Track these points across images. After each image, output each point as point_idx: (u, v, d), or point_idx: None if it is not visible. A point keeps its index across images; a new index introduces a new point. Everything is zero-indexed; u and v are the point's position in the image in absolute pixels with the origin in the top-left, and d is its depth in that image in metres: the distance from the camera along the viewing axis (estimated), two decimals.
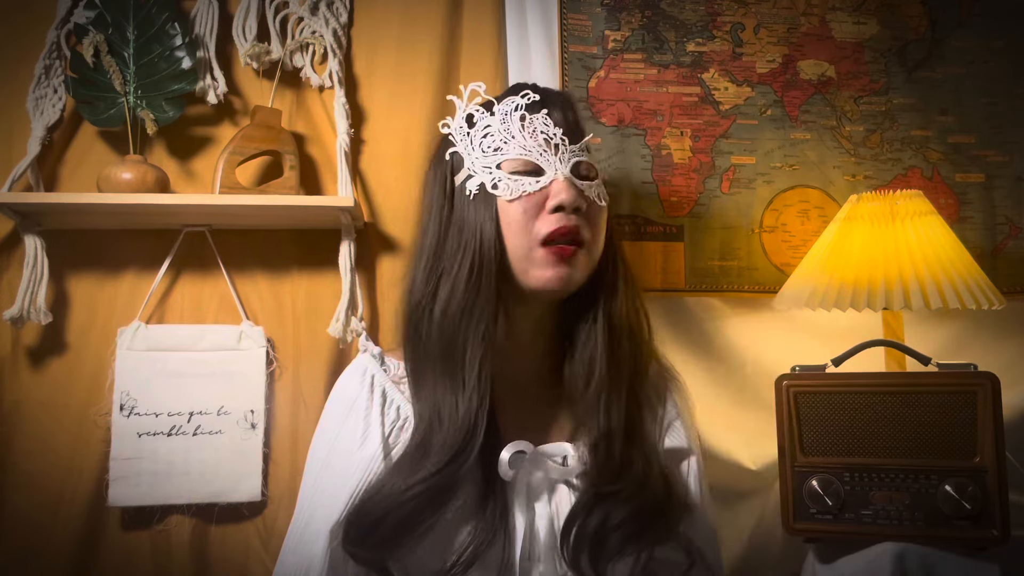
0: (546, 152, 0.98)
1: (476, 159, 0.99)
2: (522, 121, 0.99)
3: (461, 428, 0.91)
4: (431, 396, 0.95)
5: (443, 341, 0.95)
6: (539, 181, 0.97)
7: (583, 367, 0.99)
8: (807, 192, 1.47)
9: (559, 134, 0.99)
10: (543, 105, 1.00)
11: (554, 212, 0.95)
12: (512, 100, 1.00)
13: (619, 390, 0.98)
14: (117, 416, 1.27)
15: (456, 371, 0.94)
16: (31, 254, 1.26)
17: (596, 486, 0.93)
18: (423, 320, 0.98)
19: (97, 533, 1.26)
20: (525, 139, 0.98)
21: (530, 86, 1.03)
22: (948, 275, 1.21)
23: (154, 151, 1.34)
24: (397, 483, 0.90)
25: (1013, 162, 1.48)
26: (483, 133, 1.00)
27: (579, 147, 1.00)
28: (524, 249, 0.96)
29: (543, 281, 0.95)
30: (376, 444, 0.96)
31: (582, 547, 0.91)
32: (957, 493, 1.03)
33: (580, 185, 0.98)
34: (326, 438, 1.01)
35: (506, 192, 0.96)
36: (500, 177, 0.97)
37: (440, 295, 0.97)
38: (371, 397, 0.99)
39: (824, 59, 1.49)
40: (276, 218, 1.32)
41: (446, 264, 0.98)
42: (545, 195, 0.96)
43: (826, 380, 1.12)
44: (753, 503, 1.41)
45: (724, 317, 1.45)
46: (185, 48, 1.31)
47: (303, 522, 0.96)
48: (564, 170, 0.97)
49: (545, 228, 0.95)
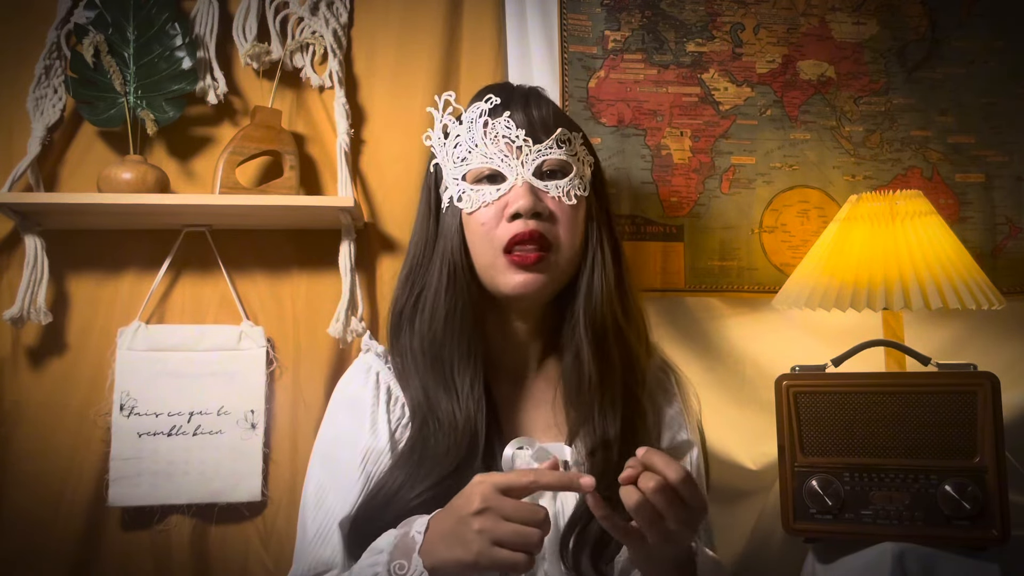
0: (507, 157, 0.97)
1: (449, 171, 1.00)
2: (484, 127, 0.98)
3: (463, 435, 0.92)
4: (424, 402, 0.96)
5: (430, 352, 0.96)
6: (499, 189, 0.96)
7: (572, 370, 0.99)
8: (807, 192, 1.47)
9: (521, 136, 0.97)
10: (505, 107, 0.98)
11: (513, 219, 0.95)
12: (477, 107, 0.99)
13: (613, 392, 0.98)
14: (117, 416, 1.27)
15: (448, 382, 0.95)
16: (31, 254, 1.26)
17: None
18: (405, 331, 0.99)
19: (97, 533, 1.26)
20: (487, 146, 0.97)
21: (496, 88, 1.02)
22: (948, 275, 1.21)
23: (154, 151, 1.34)
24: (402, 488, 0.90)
25: (1013, 162, 1.48)
26: (454, 143, 1.00)
27: (546, 145, 0.98)
28: (488, 258, 0.96)
29: (510, 288, 0.96)
30: (384, 439, 0.96)
31: (583, 550, 0.91)
32: (957, 493, 1.03)
33: (542, 187, 0.97)
34: (332, 435, 1.01)
35: (467, 204, 0.97)
36: (464, 189, 0.98)
37: (421, 307, 0.98)
38: (376, 394, 0.99)
39: (824, 59, 1.49)
40: (276, 218, 1.32)
41: (429, 276, 0.99)
42: (505, 203, 0.96)
43: (826, 380, 1.12)
44: (753, 503, 1.41)
45: (724, 317, 1.45)
46: (185, 48, 1.31)
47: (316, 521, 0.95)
48: (525, 174, 0.96)
49: (504, 236, 0.95)
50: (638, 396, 1.01)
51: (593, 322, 0.98)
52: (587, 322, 0.98)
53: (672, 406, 1.06)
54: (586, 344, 0.98)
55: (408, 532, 0.82)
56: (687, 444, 1.05)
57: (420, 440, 0.94)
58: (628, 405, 0.99)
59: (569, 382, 0.99)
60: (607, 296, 0.99)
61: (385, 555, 0.81)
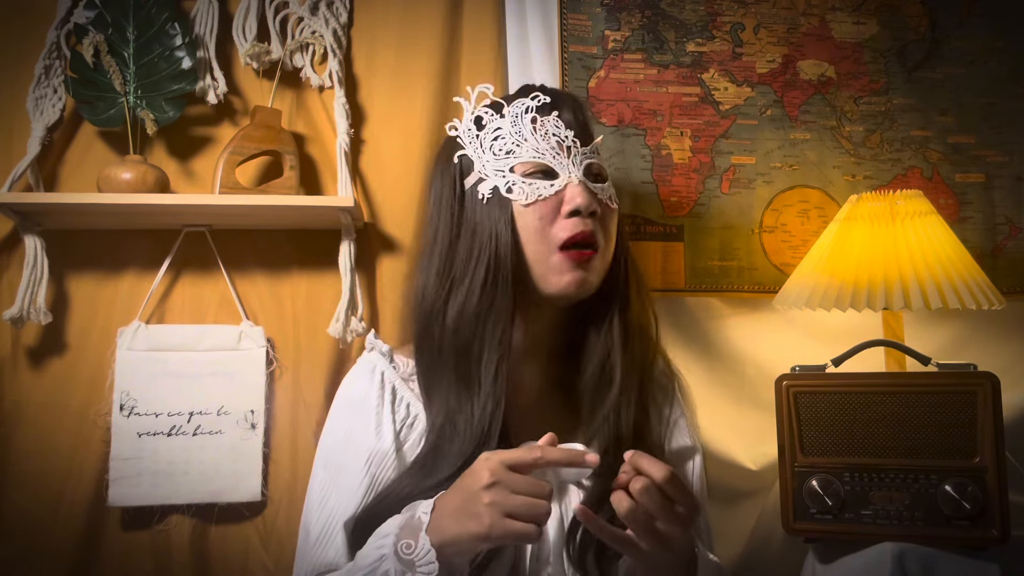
0: (559, 154, 0.97)
1: (487, 162, 0.98)
2: (533, 123, 0.98)
3: (475, 435, 0.91)
4: (444, 402, 0.95)
5: (457, 347, 0.95)
6: (553, 185, 0.96)
7: (597, 371, 0.99)
8: (807, 192, 1.47)
9: (571, 136, 0.98)
10: (554, 107, 0.99)
11: (570, 216, 0.95)
12: (522, 102, 0.99)
13: (630, 394, 0.98)
14: (117, 416, 1.27)
15: (472, 376, 0.94)
16: (31, 254, 1.26)
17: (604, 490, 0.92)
18: (435, 326, 0.97)
19: (97, 533, 1.26)
20: (537, 141, 0.97)
21: (539, 87, 1.02)
22: (948, 275, 1.21)
23: (154, 151, 1.34)
24: (410, 489, 0.90)
25: (1013, 162, 1.48)
26: (493, 136, 0.99)
27: (590, 149, 1.00)
28: (542, 254, 0.95)
29: (561, 286, 0.95)
30: (389, 440, 0.96)
31: (587, 548, 0.91)
32: (957, 493, 1.03)
33: (593, 188, 0.98)
34: (337, 435, 1.00)
35: (521, 196, 0.96)
36: (514, 180, 0.96)
37: (453, 300, 0.96)
38: (381, 394, 0.99)
39: (824, 59, 1.49)
40: (276, 218, 1.32)
41: (458, 269, 0.97)
42: (560, 199, 0.96)
43: (826, 380, 1.12)
44: (753, 503, 1.41)
45: (724, 317, 1.45)
46: (185, 48, 1.31)
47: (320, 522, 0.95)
48: (577, 173, 0.97)
49: (563, 233, 0.95)
50: (648, 396, 1.02)
51: (626, 326, 1.00)
52: (621, 326, 1.00)
53: (674, 410, 1.06)
54: (617, 346, 0.99)
55: (414, 515, 0.82)
56: (691, 449, 1.05)
57: (433, 452, 0.93)
58: (641, 404, 1.00)
59: (589, 383, 0.99)
60: (638, 300, 1.02)
61: (391, 537, 0.81)
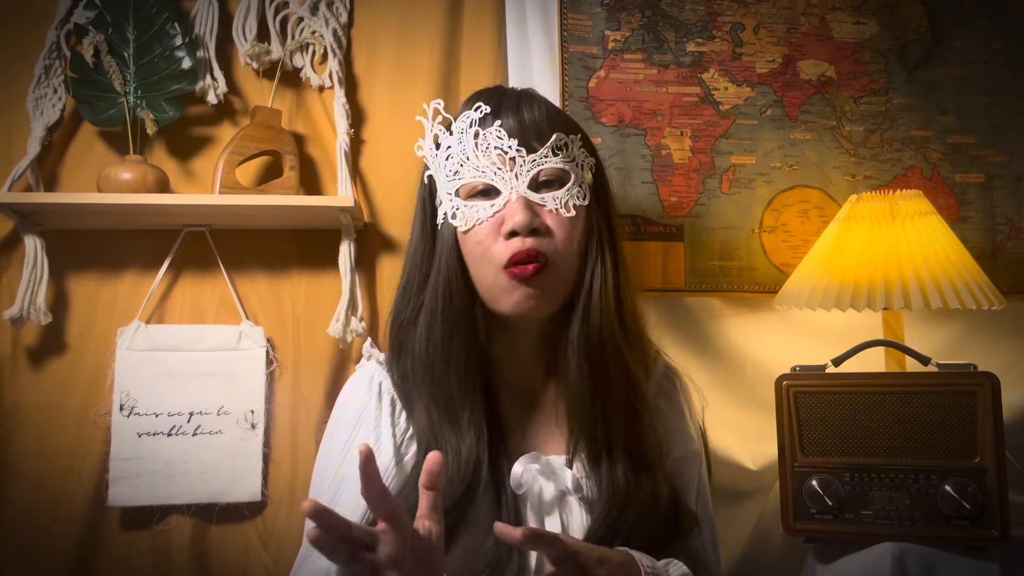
0: (500, 169, 0.92)
1: (442, 185, 0.96)
2: (476, 138, 0.93)
3: (467, 465, 0.90)
4: (428, 427, 0.94)
5: (430, 375, 0.94)
6: (493, 204, 0.92)
7: (577, 383, 0.95)
8: (807, 192, 1.47)
9: (514, 146, 0.92)
10: (496, 115, 0.94)
11: (510, 237, 0.91)
12: (467, 116, 0.94)
13: (614, 407, 0.95)
14: (117, 416, 1.27)
15: (452, 408, 0.93)
16: (31, 254, 1.26)
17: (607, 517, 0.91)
18: (406, 356, 0.97)
19: (97, 533, 1.26)
20: (479, 158, 0.93)
21: (486, 93, 0.98)
22: (948, 275, 1.21)
23: (154, 151, 1.34)
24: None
25: (1013, 162, 1.48)
26: (445, 156, 0.96)
27: (541, 154, 0.93)
28: (489, 276, 0.92)
29: (512, 305, 0.92)
30: (389, 454, 0.94)
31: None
32: (957, 493, 1.03)
33: (538, 200, 0.92)
34: (337, 448, 0.98)
35: (462, 222, 0.93)
36: (457, 205, 0.94)
37: (419, 326, 0.95)
38: (380, 406, 0.98)
39: (824, 59, 1.49)
40: (276, 218, 1.32)
41: (427, 295, 0.95)
42: (501, 219, 0.92)
43: (826, 380, 1.12)
44: (753, 503, 1.41)
45: (724, 317, 1.45)
46: (185, 48, 1.31)
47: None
48: (520, 187, 0.92)
49: (502, 254, 0.91)
50: (639, 410, 0.97)
51: (589, 347, 0.95)
52: (584, 346, 0.94)
53: (677, 415, 1.04)
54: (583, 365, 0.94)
55: None
56: (694, 456, 1.03)
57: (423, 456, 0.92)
58: (630, 419, 0.96)
59: (569, 396, 0.96)
60: (606, 317, 0.95)
61: None
